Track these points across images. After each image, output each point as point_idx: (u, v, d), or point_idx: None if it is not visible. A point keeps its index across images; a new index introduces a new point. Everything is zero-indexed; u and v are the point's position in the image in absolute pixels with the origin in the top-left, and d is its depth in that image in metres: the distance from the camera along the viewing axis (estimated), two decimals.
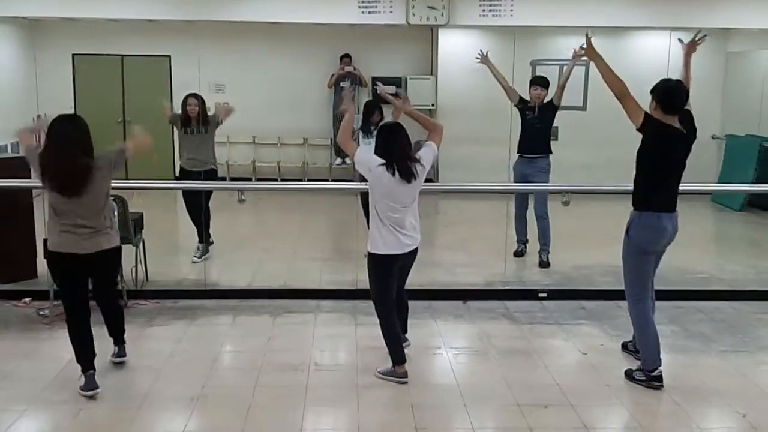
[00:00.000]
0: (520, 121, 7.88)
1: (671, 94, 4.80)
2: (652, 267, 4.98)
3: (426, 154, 4.96)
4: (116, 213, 4.93)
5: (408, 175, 4.77)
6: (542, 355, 5.45)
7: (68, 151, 4.52)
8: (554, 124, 7.88)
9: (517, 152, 7.84)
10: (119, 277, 5.75)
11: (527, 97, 7.88)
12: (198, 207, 7.65)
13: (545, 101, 7.76)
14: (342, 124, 5.08)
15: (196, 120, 7.71)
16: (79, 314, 4.73)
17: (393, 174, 4.74)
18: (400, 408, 4.57)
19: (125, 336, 5.18)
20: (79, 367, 4.72)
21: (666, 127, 4.79)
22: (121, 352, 5.13)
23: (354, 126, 7.72)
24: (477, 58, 8.00)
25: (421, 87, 12.46)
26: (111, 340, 5.14)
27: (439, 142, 5.09)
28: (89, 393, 4.61)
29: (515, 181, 7.88)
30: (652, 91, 4.89)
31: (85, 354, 4.70)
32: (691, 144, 4.90)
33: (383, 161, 4.79)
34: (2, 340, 5.61)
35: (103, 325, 5.09)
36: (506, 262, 7.48)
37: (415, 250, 4.99)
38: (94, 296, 4.97)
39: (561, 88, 7.63)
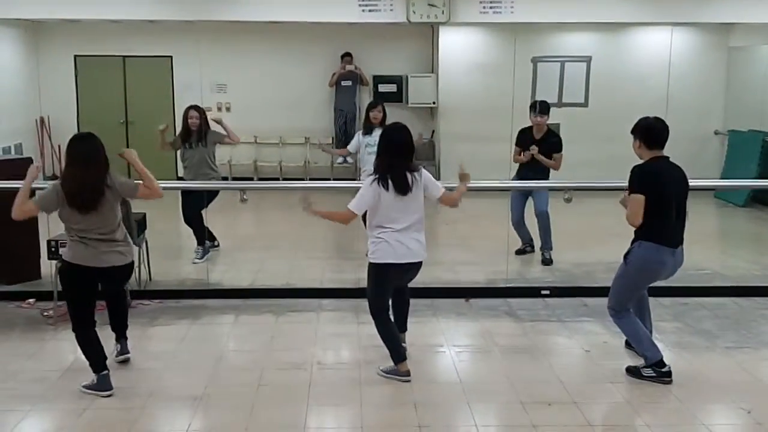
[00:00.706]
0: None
1: (651, 129, 4.81)
2: (639, 292, 5.02)
3: (430, 180, 4.94)
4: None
5: (404, 188, 4.74)
6: (545, 352, 5.44)
7: (88, 169, 4.61)
8: (556, 121, 7.83)
9: (516, 175, 7.77)
10: None
11: (527, 101, 7.78)
12: (191, 212, 7.66)
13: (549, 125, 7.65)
14: (329, 216, 5.02)
15: (197, 133, 7.64)
16: (87, 324, 4.77)
17: (387, 188, 4.72)
18: (402, 406, 4.57)
19: (127, 332, 5.21)
20: (87, 366, 4.74)
21: (650, 167, 4.76)
22: (123, 349, 5.16)
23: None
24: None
25: (421, 85, 12.47)
26: (114, 341, 5.15)
27: (444, 201, 5.06)
28: (105, 393, 4.65)
29: (513, 201, 7.82)
30: (632, 132, 4.88)
31: (97, 358, 4.74)
32: (686, 180, 4.86)
33: (374, 177, 4.76)
34: (7, 341, 5.62)
35: (107, 326, 5.13)
36: (508, 260, 7.47)
37: (416, 264, 4.92)
38: (103, 296, 5.04)
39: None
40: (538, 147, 7.54)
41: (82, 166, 4.61)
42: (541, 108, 7.63)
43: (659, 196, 4.74)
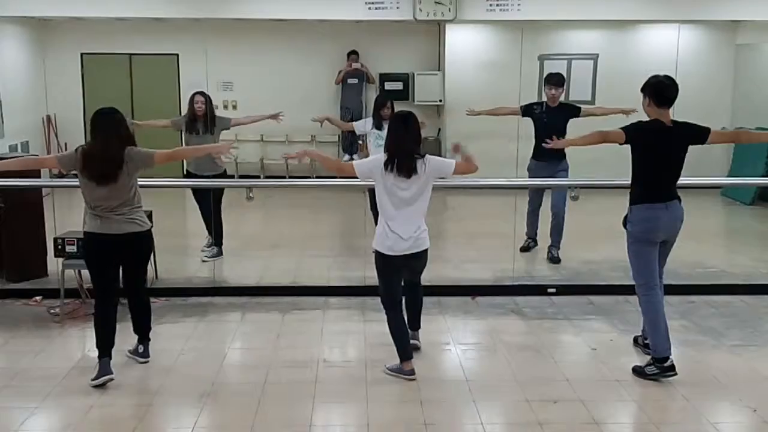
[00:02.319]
0: (533, 125, 7.74)
1: (661, 86, 4.86)
2: (655, 257, 4.98)
3: (438, 161, 4.90)
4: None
5: (407, 171, 4.72)
6: (551, 350, 5.44)
7: (108, 142, 4.75)
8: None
9: (532, 157, 7.75)
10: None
11: (533, 99, 7.77)
12: (208, 206, 7.63)
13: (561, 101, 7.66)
14: (326, 163, 5.37)
15: (203, 119, 7.52)
16: (106, 297, 4.85)
17: (391, 169, 4.73)
18: (409, 403, 4.57)
19: (150, 334, 5.22)
20: (94, 363, 4.77)
21: (646, 126, 4.87)
22: (145, 352, 5.15)
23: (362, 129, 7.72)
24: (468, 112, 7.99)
25: (428, 83, 12.46)
26: (128, 336, 5.17)
27: (460, 171, 4.92)
28: (102, 379, 4.67)
29: (531, 188, 7.84)
30: (642, 89, 4.92)
31: (105, 339, 4.78)
32: (683, 137, 4.88)
33: (384, 159, 4.78)
34: (14, 339, 5.64)
35: (128, 322, 5.16)
36: (515, 258, 7.47)
37: (418, 254, 4.88)
38: (124, 290, 5.08)
39: None
40: (546, 116, 7.51)
41: (102, 138, 4.75)
42: (556, 80, 7.60)
43: (644, 158, 4.87)
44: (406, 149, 4.77)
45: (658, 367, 4.85)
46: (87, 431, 4.27)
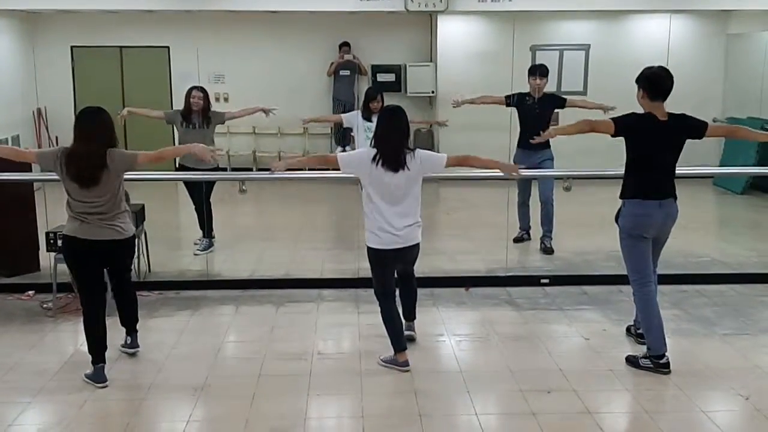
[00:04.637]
0: (518, 114, 7.75)
1: (656, 78, 4.80)
2: (648, 252, 4.97)
3: (428, 155, 4.89)
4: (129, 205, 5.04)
5: (394, 165, 4.71)
6: (545, 340, 5.46)
7: (91, 144, 4.65)
8: (555, 110, 7.79)
9: (518, 146, 7.77)
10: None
11: (525, 89, 7.77)
12: (200, 198, 7.61)
13: (546, 92, 7.66)
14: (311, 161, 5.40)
15: (198, 114, 7.50)
16: (93, 303, 4.78)
17: (379, 163, 4.72)
18: (403, 395, 4.58)
19: (138, 326, 5.21)
20: (87, 357, 4.76)
21: (639, 120, 4.82)
22: (133, 343, 5.16)
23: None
24: (453, 103, 8.09)
25: (420, 74, 12.44)
26: (119, 330, 5.16)
27: (453, 164, 4.92)
28: (99, 385, 4.66)
29: (519, 181, 7.83)
30: (637, 81, 4.86)
31: (97, 345, 4.74)
32: (678, 132, 4.85)
33: (372, 152, 4.76)
34: (6, 333, 5.62)
35: (116, 316, 5.14)
36: (508, 249, 7.48)
37: (409, 248, 4.89)
38: (110, 284, 5.05)
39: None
40: (538, 107, 7.55)
41: (85, 140, 4.65)
42: (540, 71, 7.66)
43: (638, 153, 4.83)
44: (394, 143, 4.76)
45: (653, 362, 4.86)
46: (81, 426, 4.26)
